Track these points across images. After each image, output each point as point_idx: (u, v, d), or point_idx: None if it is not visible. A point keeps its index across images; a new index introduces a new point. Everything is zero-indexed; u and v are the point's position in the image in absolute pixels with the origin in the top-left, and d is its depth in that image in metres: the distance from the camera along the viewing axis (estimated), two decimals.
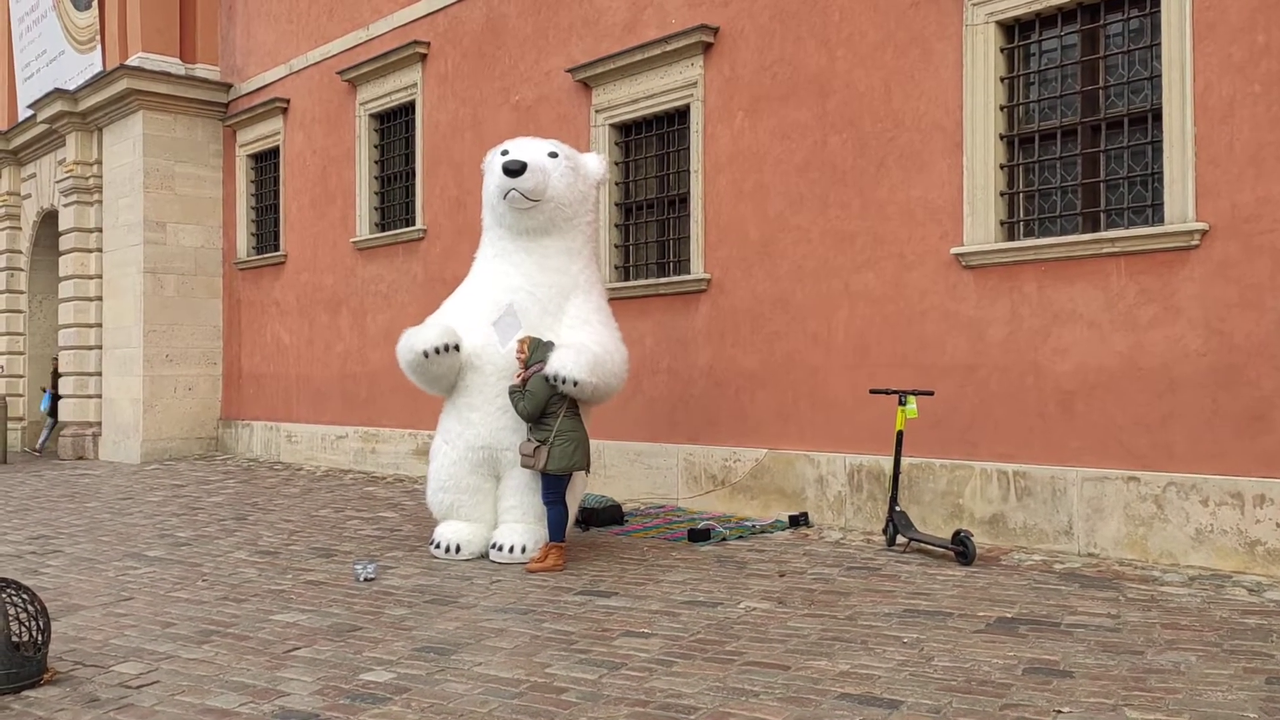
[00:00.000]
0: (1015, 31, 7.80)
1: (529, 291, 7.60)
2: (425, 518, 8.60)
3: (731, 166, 9.42)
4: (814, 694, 4.35)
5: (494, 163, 7.76)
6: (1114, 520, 7.02)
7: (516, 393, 7.17)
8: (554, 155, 7.69)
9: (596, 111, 10.57)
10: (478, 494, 7.58)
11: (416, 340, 7.40)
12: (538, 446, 7.04)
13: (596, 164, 8.08)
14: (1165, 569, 6.64)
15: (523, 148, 7.71)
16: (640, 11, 10.23)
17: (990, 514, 7.62)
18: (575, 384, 7.00)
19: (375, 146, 13.66)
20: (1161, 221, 6.95)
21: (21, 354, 19.66)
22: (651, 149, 10.39)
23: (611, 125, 10.50)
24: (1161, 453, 6.87)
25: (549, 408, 7.10)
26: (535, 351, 7.15)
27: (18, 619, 4.70)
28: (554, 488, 7.20)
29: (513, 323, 7.49)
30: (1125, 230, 7.08)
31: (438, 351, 7.30)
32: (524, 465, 7.19)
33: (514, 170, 7.48)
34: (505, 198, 7.57)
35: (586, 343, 7.29)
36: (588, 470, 7.46)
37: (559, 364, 7.00)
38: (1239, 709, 4.07)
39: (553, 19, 11.13)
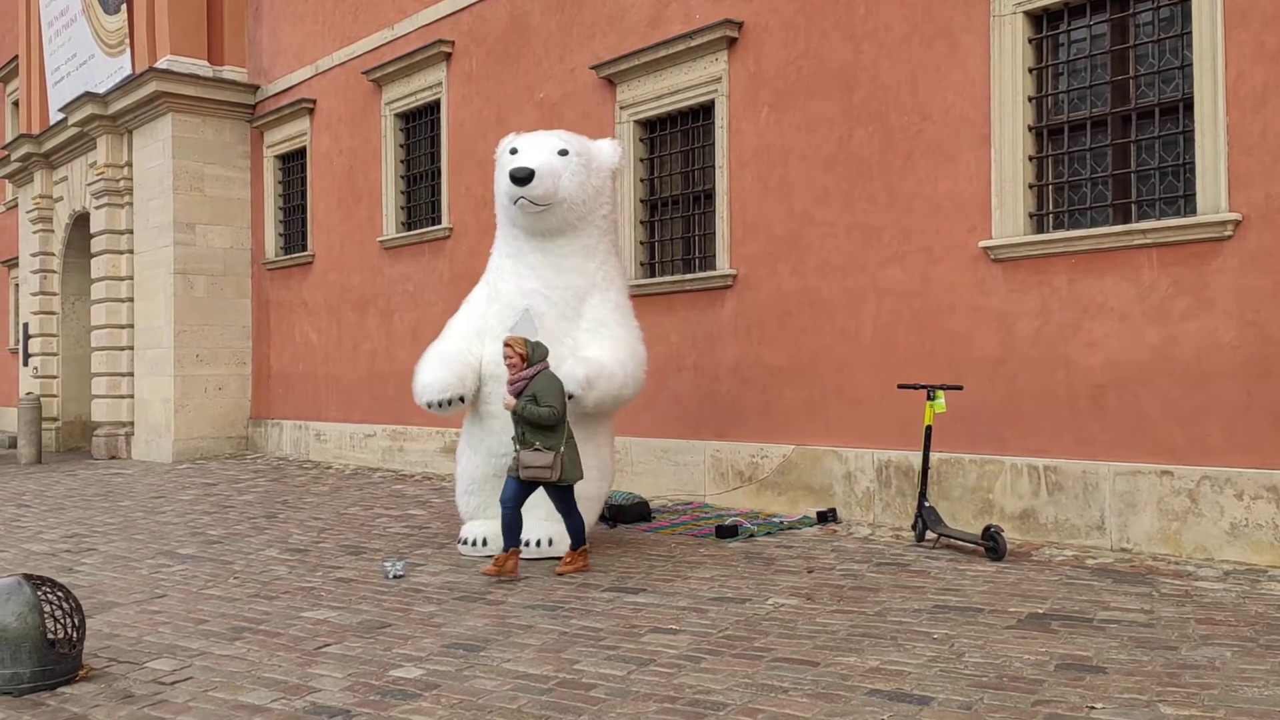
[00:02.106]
0: (1043, 22, 7.72)
1: (544, 295, 7.52)
2: (453, 515, 8.64)
3: (757, 161, 9.39)
4: (844, 690, 4.33)
5: (503, 161, 7.71)
6: (1147, 515, 6.94)
7: (528, 407, 6.72)
8: (564, 153, 7.49)
9: (621, 108, 10.57)
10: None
11: (422, 391, 7.42)
12: (554, 455, 6.69)
13: (611, 151, 7.85)
14: (1199, 564, 6.56)
15: (531, 148, 7.53)
16: (664, 7, 10.21)
17: (1021, 509, 7.56)
18: (591, 403, 7.06)
19: (401, 146, 13.72)
20: (1194, 212, 6.86)
21: (55, 355, 19.89)
22: (676, 145, 10.37)
23: (636, 121, 10.49)
24: (1195, 446, 6.78)
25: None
26: (535, 350, 6.93)
27: (53, 616, 4.76)
28: (567, 498, 6.96)
29: (529, 328, 7.42)
30: (1157, 221, 6.99)
31: (441, 405, 7.36)
32: (531, 477, 6.73)
33: (521, 178, 7.32)
34: (515, 203, 7.50)
35: (600, 358, 7.27)
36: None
37: (574, 382, 6.99)
38: (1276, 704, 4.01)
39: (576, 16, 11.13)
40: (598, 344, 7.44)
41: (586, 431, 7.36)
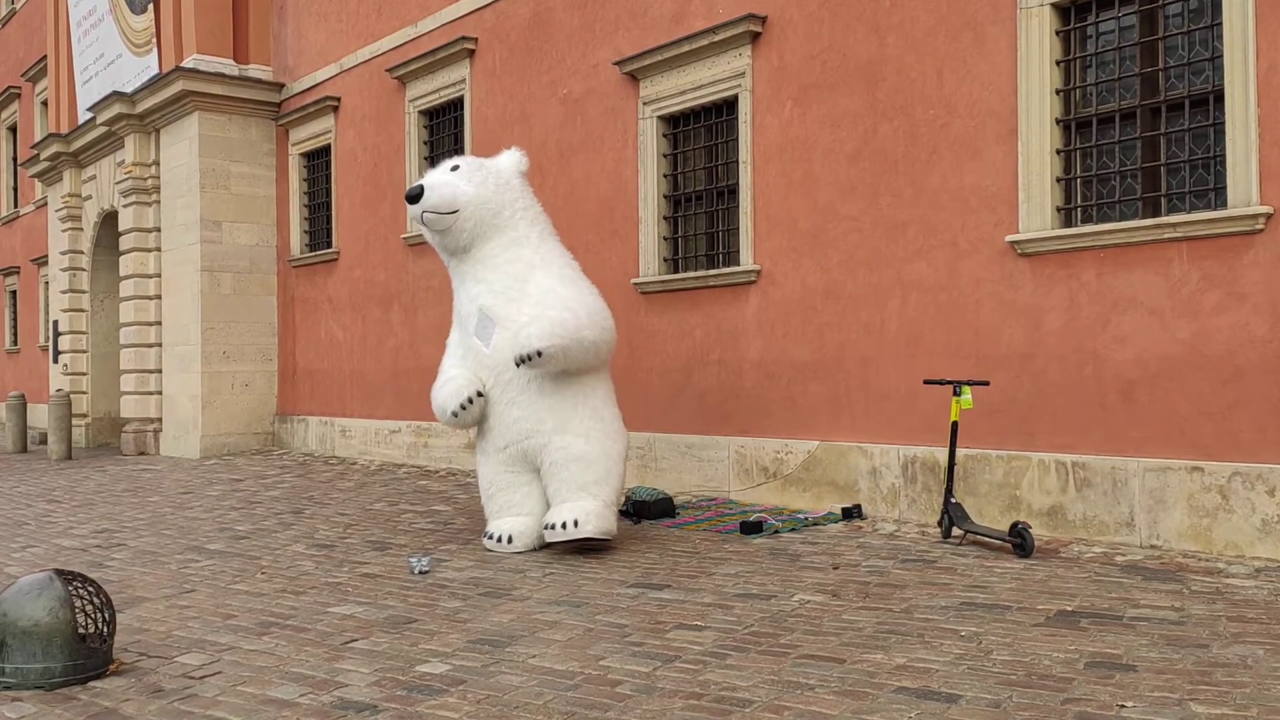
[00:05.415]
0: (1071, 13, 7.64)
1: (490, 291, 7.67)
2: (478, 511, 8.66)
3: (780, 157, 9.35)
4: (870, 687, 4.31)
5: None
6: (1177, 511, 6.87)
7: None
8: (455, 168, 7.83)
9: (644, 104, 10.55)
10: (520, 488, 7.67)
11: (441, 402, 7.62)
12: None
13: (508, 157, 8.12)
14: (1230, 561, 6.49)
15: (425, 176, 7.92)
16: (687, 2, 10.19)
17: (1049, 505, 7.50)
18: (539, 354, 7.08)
19: (424, 143, 13.76)
20: (1224, 205, 6.78)
21: (84, 352, 20.09)
22: (700, 140, 10.35)
23: (659, 117, 10.47)
24: (1226, 442, 6.71)
25: None
26: None
27: (84, 611, 4.80)
28: None
29: (488, 323, 7.60)
30: (1187, 215, 6.91)
31: (463, 408, 7.49)
32: None
33: (413, 196, 7.67)
34: (423, 224, 7.75)
35: (543, 312, 7.31)
36: None
37: (536, 340, 7.06)
38: None
39: (599, 11, 11.12)
40: (542, 304, 7.53)
41: (580, 394, 7.48)
